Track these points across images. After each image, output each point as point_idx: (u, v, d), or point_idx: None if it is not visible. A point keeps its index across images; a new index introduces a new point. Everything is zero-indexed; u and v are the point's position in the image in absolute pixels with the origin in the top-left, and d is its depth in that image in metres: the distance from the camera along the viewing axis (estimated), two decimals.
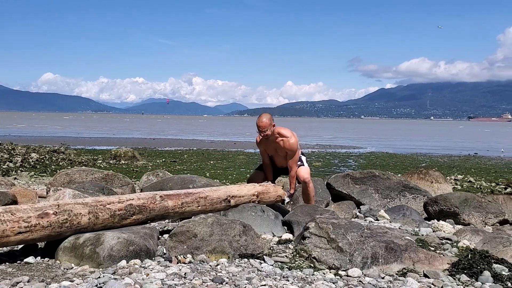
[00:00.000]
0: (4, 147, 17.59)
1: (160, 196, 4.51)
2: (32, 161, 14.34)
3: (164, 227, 5.25)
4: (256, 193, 5.49)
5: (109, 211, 4.01)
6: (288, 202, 6.00)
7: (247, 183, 6.11)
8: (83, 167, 11.23)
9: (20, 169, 12.69)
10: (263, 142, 5.84)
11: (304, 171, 5.87)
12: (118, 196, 4.29)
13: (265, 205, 5.56)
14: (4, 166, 12.92)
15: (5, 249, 4.07)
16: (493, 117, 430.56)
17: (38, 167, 13.40)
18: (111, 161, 15.72)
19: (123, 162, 15.64)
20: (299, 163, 5.88)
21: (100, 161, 15.62)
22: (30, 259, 3.72)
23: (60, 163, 14.49)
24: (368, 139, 41.96)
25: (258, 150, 6.09)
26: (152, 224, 5.55)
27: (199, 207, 4.84)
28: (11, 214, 3.47)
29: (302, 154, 6.06)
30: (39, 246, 4.11)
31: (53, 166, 13.65)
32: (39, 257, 3.80)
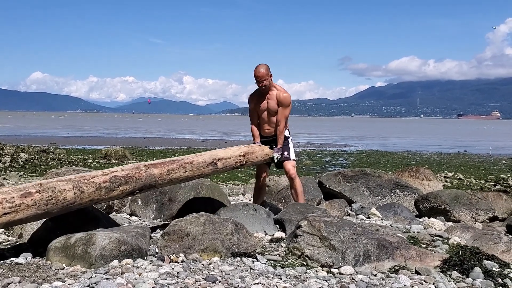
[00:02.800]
0: None
1: (145, 166, 4.47)
2: (21, 161, 14.21)
3: (156, 226, 5.23)
4: (242, 154, 5.41)
5: (94, 184, 3.96)
6: (277, 158, 5.78)
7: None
8: (73, 166, 11.15)
9: (9, 169, 12.57)
10: (255, 98, 5.78)
11: (291, 165, 5.77)
12: (101, 170, 4.24)
13: (257, 204, 5.55)
14: None
15: None
16: (482, 115, 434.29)
17: (27, 167, 13.28)
18: (101, 161, 15.64)
19: (114, 161, 15.56)
20: (285, 153, 5.79)
21: (91, 161, 15.53)
22: (21, 259, 3.69)
23: (50, 163, 14.38)
24: (359, 138, 42.13)
25: (249, 108, 5.92)
26: (144, 223, 5.54)
27: (186, 173, 4.77)
28: None
29: (290, 137, 5.97)
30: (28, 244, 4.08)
31: (42, 166, 13.55)
32: (29, 258, 3.77)
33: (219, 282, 3.28)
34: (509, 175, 13.82)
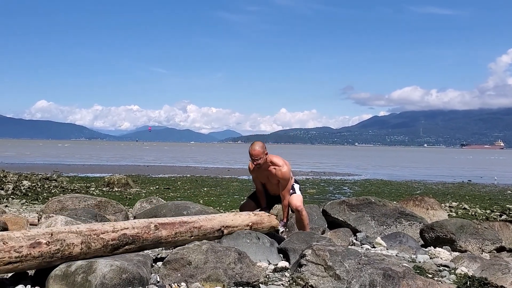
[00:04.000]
0: None
1: (155, 226, 4.39)
2: (24, 188, 14.19)
3: (158, 254, 5.15)
4: (250, 224, 5.42)
5: (102, 241, 3.90)
6: (282, 232, 5.91)
7: (240, 211, 6.04)
8: (76, 194, 11.12)
9: (12, 196, 12.55)
10: (255, 169, 5.80)
11: (297, 199, 5.79)
12: (112, 224, 4.16)
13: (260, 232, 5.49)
14: None
15: None
16: (486, 144, 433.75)
17: (29, 194, 13.26)
18: (104, 188, 15.60)
19: (117, 189, 15.52)
20: (291, 191, 5.82)
21: (93, 188, 15.49)
22: (21, 287, 3.62)
23: (52, 191, 14.36)
24: (362, 166, 42.02)
25: (251, 176, 6.05)
26: (146, 251, 5.46)
27: (192, 237, 4.77)
28: (3, 243, 3.36)
29: (296, 182, 6.00)
30: (29, 274, 4.01)
31: (45, 194, 13.52)
32: (29, 286, 3.70)
33: None
34: None
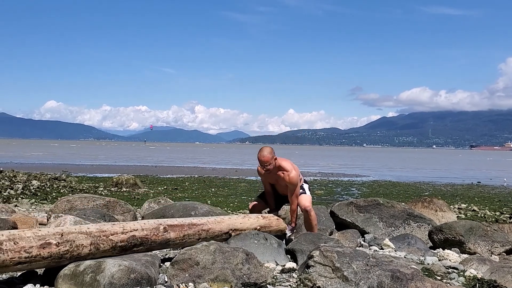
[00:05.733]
0: (6, 174, 17.56)
1: (164, 228, 4.40)
2: (33, 188, 14.28)
3: (166, 254, 5.17)
4: (258, 227, 5.42)
5: (111, 243, 3.92)
6: (289, 236, 5.90)
7: (249, 211, 6.04)
8: (84, 194, 11.18)
9: (21, 196, 12.63)
10: (264, 173, 5.81)
11: (306, 199, 5.79)
12: (122, 225, 4.15)
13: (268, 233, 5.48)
14: (5, 193, 12.87)
15: (4, 276, 4.01)
16: (495, 146, 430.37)
17: (39, 194, 13.34)
18: (112, 189, 15.65)
19: (125, 189, 15.57)
20: (300, 190, 5.82)
21: (102, 189, 15.55)
22: (30, 286, 3.65)
23: (61, 190, 14.44)
24: (370, 167, 41.85)
25: (259, 177, 6.05)
26: (154, 251, 5.48)
27: (200, 239, 4.78)
28: (14, 244, 3.39)
29: (305, 181, 6.00)
30: (39, 273, 4.04)
31: (54, 194, 13.59)
32: (38, 285, 3.72)
33: None
34: None
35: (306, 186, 5.93)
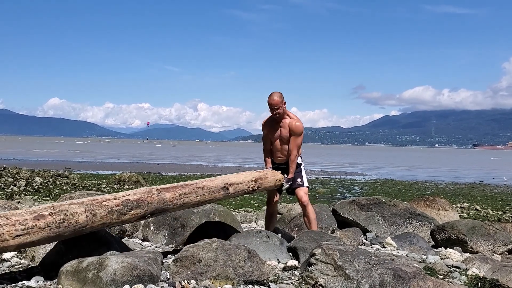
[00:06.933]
0: (9, 171, 17.62)
1: (157, 190, 4.50)
2: (36, 185, 14.33)
3: (168, 252, 5.18)
4: (254, 179, 5.40)
5: (106, 208, 3.99)
6: (286, 188, 5.78)
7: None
8: (87, 191, 11.20)
9: (24, 193, 12.68)
10: (268, 125, 5.76)
11: (303, 192, 5.72)
12: (114, 194, 4.27)
13: (270, 231, 5.47)
14: (8, 190, 12.91)
15: (6, 271, 4.03)
16: (498, 145, 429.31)
17: (41, 191, 13.39)
18: (115, 186, 15.69)
19: (127, 186, 15.60)
20: (298, 180, 5.76)
21: (104, 186, 15.59)
22: (32, 282, 3.67)
23: (64, 187, 14.48)
24: (373, 166, 41.81)
25: (262, 134, 5.93)
26: (156, 248, 5.50)
27: (198, 197, 4.79)
28: (6, 219, 3.46)
29: (303, 167, 5.93)
30: (40, 272, 4.06)
31: (56, 190, 13.64)
32: (41, 281, 3.74)
33: None
34: None
35: (304, 173, 5.85)
